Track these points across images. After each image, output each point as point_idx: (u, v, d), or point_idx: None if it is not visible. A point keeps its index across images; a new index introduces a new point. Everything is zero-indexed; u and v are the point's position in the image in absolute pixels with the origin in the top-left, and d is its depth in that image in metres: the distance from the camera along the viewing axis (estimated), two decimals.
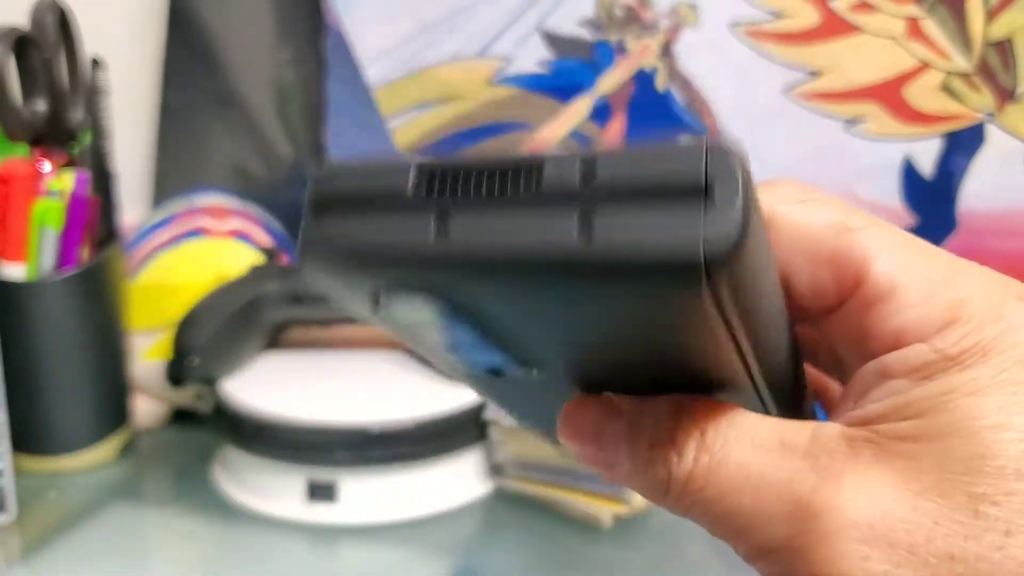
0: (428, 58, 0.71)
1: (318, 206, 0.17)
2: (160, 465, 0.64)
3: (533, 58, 0.70)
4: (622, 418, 0.21)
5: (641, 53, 0.69)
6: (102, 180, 0.63)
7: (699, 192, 0.15)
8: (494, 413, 0.58)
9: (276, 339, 0.65)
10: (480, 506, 0.57)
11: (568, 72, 0.70)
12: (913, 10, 0.65)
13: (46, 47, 0.59)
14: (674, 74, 0.69)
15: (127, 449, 0.64)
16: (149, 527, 0.58)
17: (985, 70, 0.64)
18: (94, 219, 0.62)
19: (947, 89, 0.65)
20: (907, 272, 0.20)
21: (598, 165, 0.16)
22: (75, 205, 0.59)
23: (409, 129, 0.72)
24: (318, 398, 0.58)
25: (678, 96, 0.69)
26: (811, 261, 0.20)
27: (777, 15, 0.67)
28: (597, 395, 0.21)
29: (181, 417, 0.68)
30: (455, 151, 0.31)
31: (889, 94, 0.66)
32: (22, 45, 0.58)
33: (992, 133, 0.65)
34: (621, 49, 0.69)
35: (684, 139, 0.16)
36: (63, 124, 0.61)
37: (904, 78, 0.65)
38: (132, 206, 0.73)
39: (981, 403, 0.18)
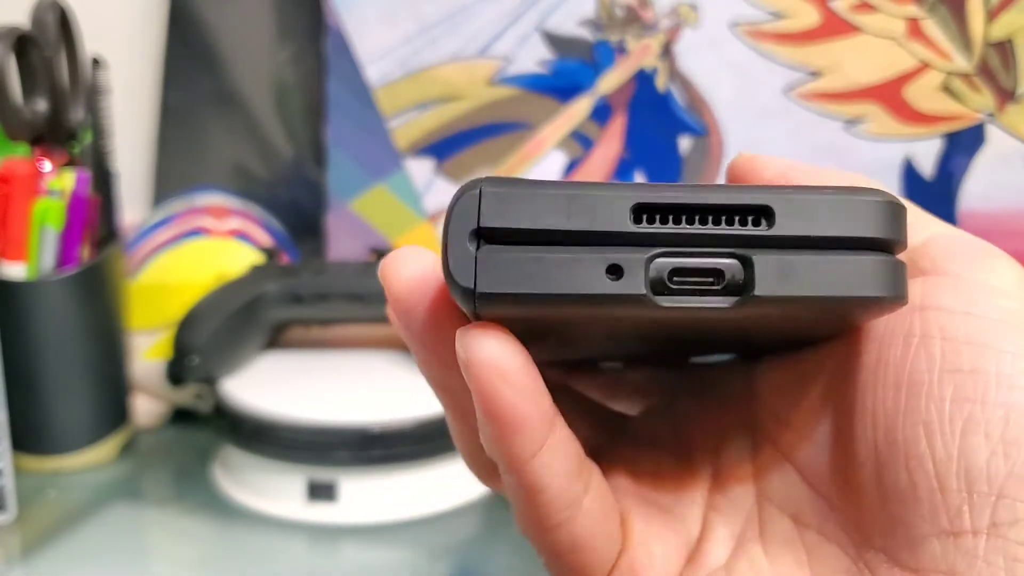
0: (428, 58, 0.71)
1: None
2: (160, 465, 0.64)
3: (533, 58, 0.70)
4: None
5: (641, 53, 0.69)
6: (102, 180, 0.63)
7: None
8: None
9: (276, 339, 0.65)
10: (480, 506, 0.57)
11: (568, 72, 0.70)
12: (913, 10, 0.65)
13: (46, 46, 0.59)
14: (674, 74, 0.69)
15: (127, 449, 0.64)
16: (149, 527, 0.58)
17: (985, 70, 0.65)
18: (94, 219, 0.62)
19: (947, 89, 0.65)
20: None
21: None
22: (75, 204, 0.60)
23: (409, 129, 0.72)
24: (318, 398, 0.58)
25: (678, 96, 0.69)
26: None
27: (777, 15, 0.67)
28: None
29: (181, 417, 0.68)
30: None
31: (889, 94, 0.66)
32: (22, 44, 0.58)
33: (992, 133, 0.65)
34: (621, 49, 0.69)
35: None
36: (63, 123, 0.61)
37: (904, 78, 0.65)
38: (132, 206, 0.73)
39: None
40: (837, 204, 0.18)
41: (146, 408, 0.67)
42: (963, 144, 0.65)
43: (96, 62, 0.62)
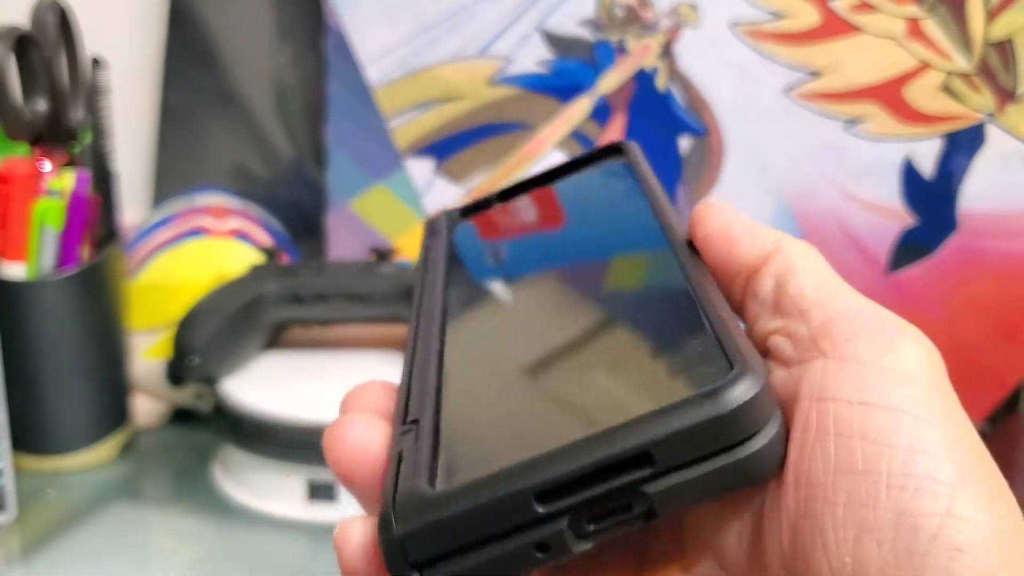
0: (428, 58, 0.71)
1: None
2: (160, 465, 0.64)
3: (533, 58, 0.70)
4: None
5: (641, 53, 0.69)
6: (102, 180, 0.63)
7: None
8: None
9: (276, 339, 0.65)
10: None
11: (568, 72, 0.70)
12: (913, 10, 0.65)
13: (46, 46, 0.60)
14: (674, 74, 0.69)
15: (127, 449, 0.64)
16: (149, 527, 0.58)
17: (985, 70, 0.65)
18: (94, 219, 0.62)
19: (947, 89, 0.65)
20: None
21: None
22: (75, 204, 0.60)
23: (409, 129, 0.72)
24: (318, 398, 0.58)
25: (678, 96, 0.69)
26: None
27: (777, 15, 0.67)
28: None
29: (181, 417, 0.68)
30: None
31: (889, 94, 0.66)
32: (22, 44, 0.58)
33: (992, 133, 0.65)
34: (621, 49, 0.69)
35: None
36: (63, 123, 0.61)
37: (904, 78, 0.65)
38: (132, 206, 0.73)
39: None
40: (696, 431, 0.20)
41: (146, 408, 0.67)
42: (963, 144, 0.65)
43: (96, 62, 0.62)
